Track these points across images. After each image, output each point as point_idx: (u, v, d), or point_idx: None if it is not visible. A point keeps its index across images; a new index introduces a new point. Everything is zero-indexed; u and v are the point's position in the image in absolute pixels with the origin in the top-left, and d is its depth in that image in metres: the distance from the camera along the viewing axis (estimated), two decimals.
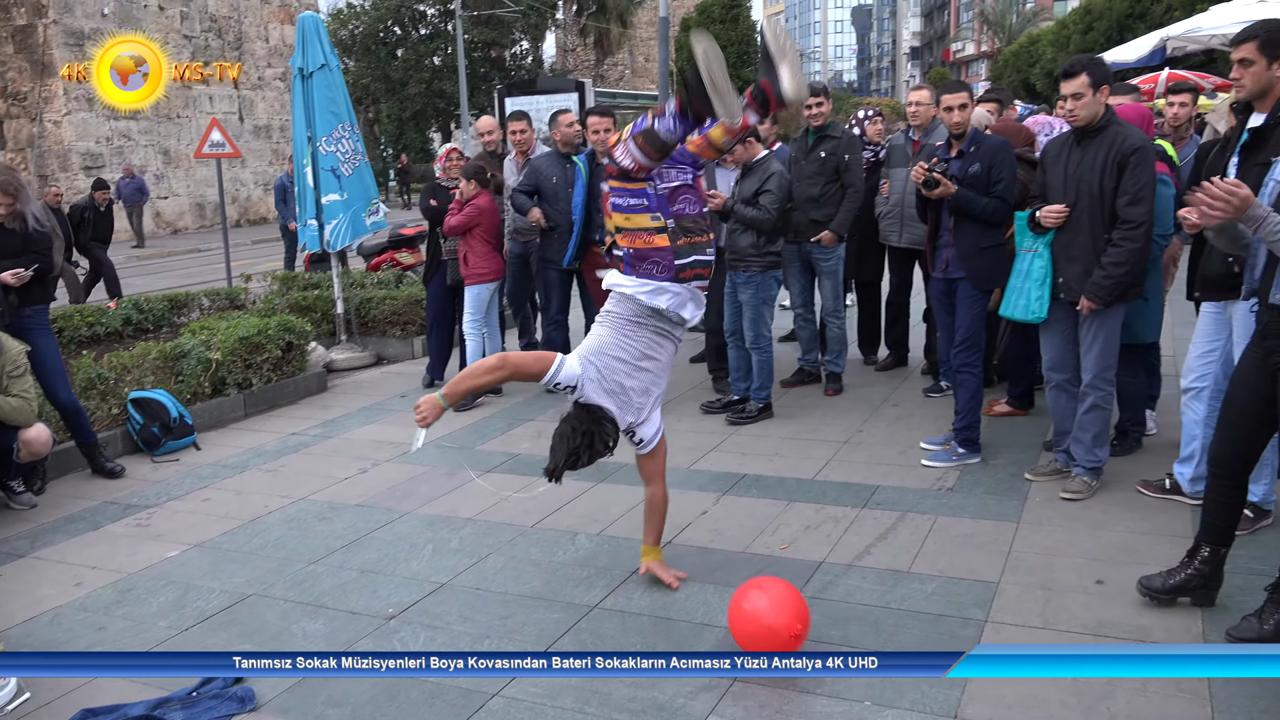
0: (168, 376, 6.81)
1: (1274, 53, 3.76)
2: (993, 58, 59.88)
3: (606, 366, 3.78)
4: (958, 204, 5.20)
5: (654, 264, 3.75)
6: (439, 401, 3.62)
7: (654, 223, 3.76)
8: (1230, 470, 3.47)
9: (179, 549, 4.71)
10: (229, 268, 11.84)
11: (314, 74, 8.06)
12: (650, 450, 4.00)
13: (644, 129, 3.65)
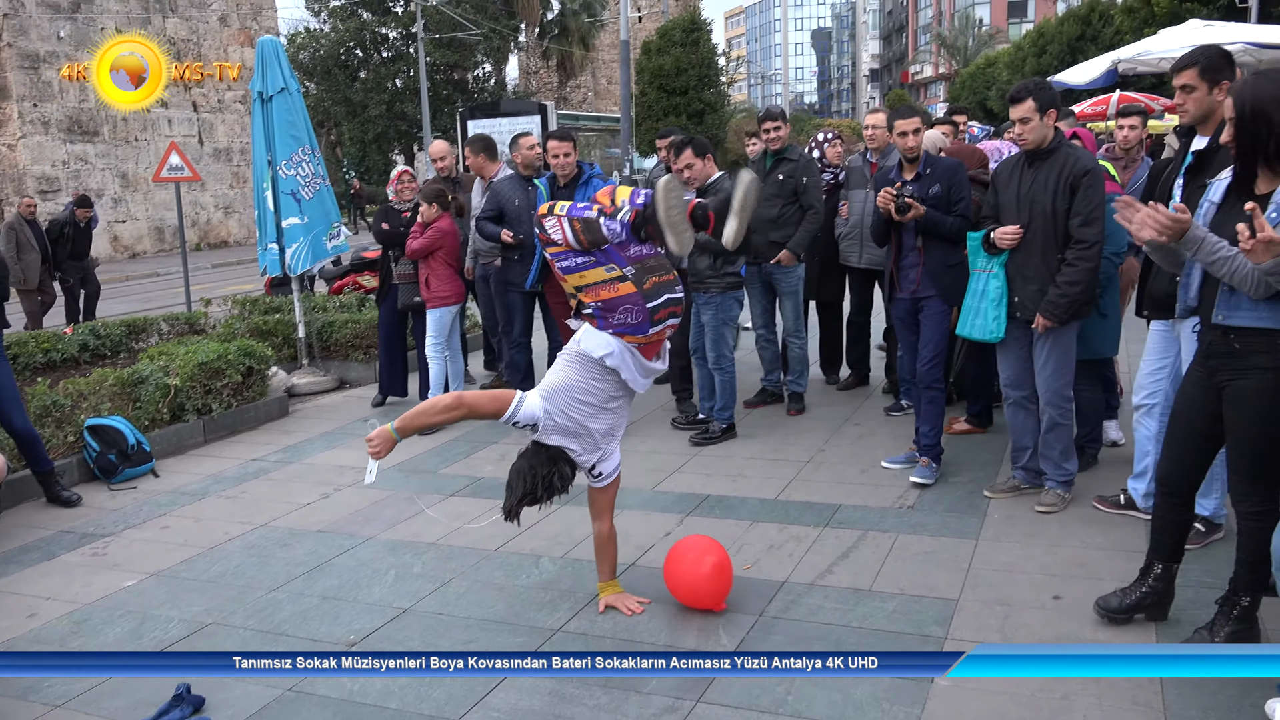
0: (125, 403, 6.72)
1: (1214, 78, 3.87)
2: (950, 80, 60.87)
3: (570, 406, 3.72)
4: (927, 224, 5.29)
5: (627, 311, 3.66)
6: (391, 434, 3.58)
7: (609, 274, 3.67)
8: (1178, 488, 3.54)
9: (136, 578, 4.65)
10: (188, 292, 11.74)
11: (274, 98, 8.03)
12: (605, 484, 3.95)
13: (585, 219, 3.63)
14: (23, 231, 11.79)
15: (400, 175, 7.61)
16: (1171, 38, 11.76)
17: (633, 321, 3.66)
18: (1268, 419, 3.14)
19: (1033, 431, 5.06)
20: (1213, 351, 3.29)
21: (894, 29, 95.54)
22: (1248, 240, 2.79)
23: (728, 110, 31.32)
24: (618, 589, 4.07)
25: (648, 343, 3.77)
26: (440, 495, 5.56)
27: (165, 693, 3.47)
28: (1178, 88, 3.98)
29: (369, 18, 37.52)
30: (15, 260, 11.68)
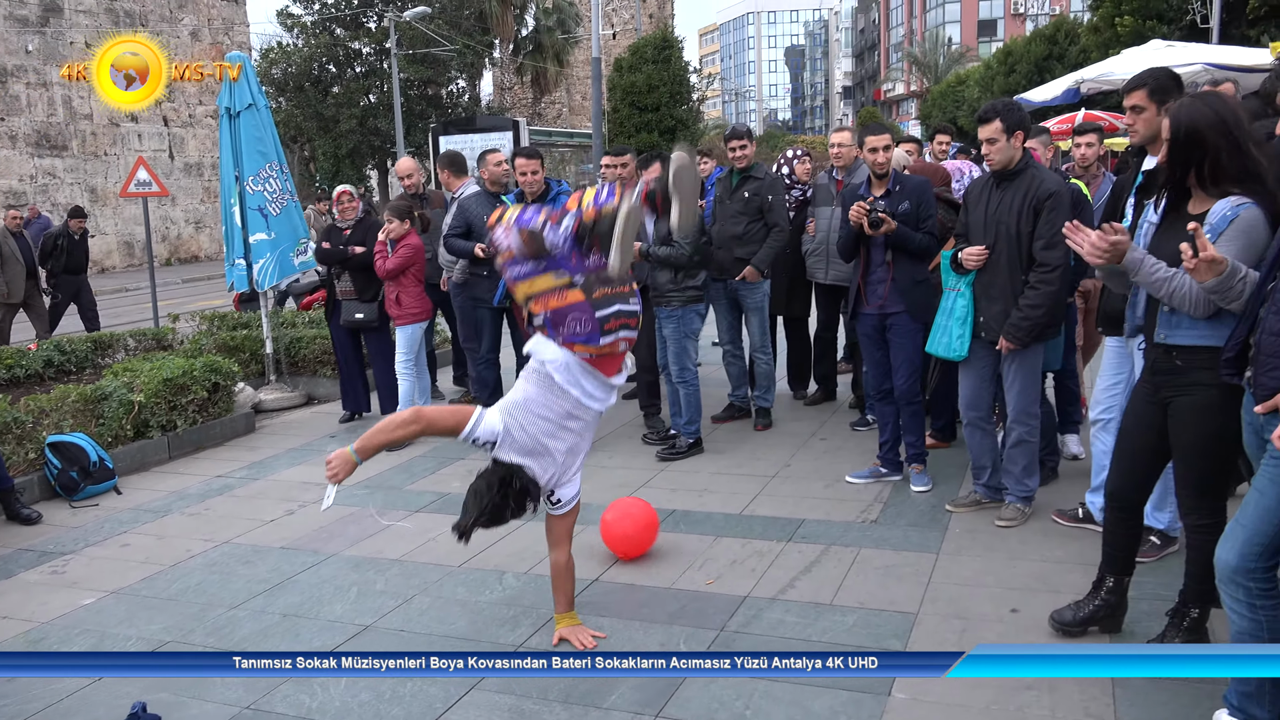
0: (88, 419, 6.67)
1: (1162, 99, 3.96)
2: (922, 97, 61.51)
3: (528, 423, 3.63)
4: (897, 239, 5.36)
5: (575, 320, 3.56)
6: (350, 456, 3.54)
7: (558, 280, 3.59)
8: (1127, 503, 3.60)
9: (95, 596, 4.61)
10: (155, 308, 11.66)
11: (241, 113, 8.03)
12: (564, 512, 3.85)
13: (531, 228, 3.58)
14: (7, 243, 11.66)
15: (340, 195, 7.60)
16: (1134, 58, 11.96)
17: (581, 331, 3.56)
18: (1211, 434, 3.20)
19: (990, 450, 5.12)
20: (1157, 369, 3.35)
21: (866, 47, 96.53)
22: (1190, 259, 2.85)
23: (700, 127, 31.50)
24: (574, 620, 3.97)
25: (600, 354, 3.65)
26: (406, 511, 5.55)
27: (120, 712, 3.44)
28: (1128, 108, 4.07)
29: (342, 33, 37.48)
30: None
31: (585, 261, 3.61)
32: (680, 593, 4.34)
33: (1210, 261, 2.82)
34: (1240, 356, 2.79)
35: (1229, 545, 2.76)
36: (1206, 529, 3.28)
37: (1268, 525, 2.67)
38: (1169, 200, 3.28)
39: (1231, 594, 2.77)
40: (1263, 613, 2.73)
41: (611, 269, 3.53)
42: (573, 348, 3.61)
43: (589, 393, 3.67)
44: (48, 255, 12.24)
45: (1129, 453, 3.53)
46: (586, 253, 3.57)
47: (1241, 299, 2.84)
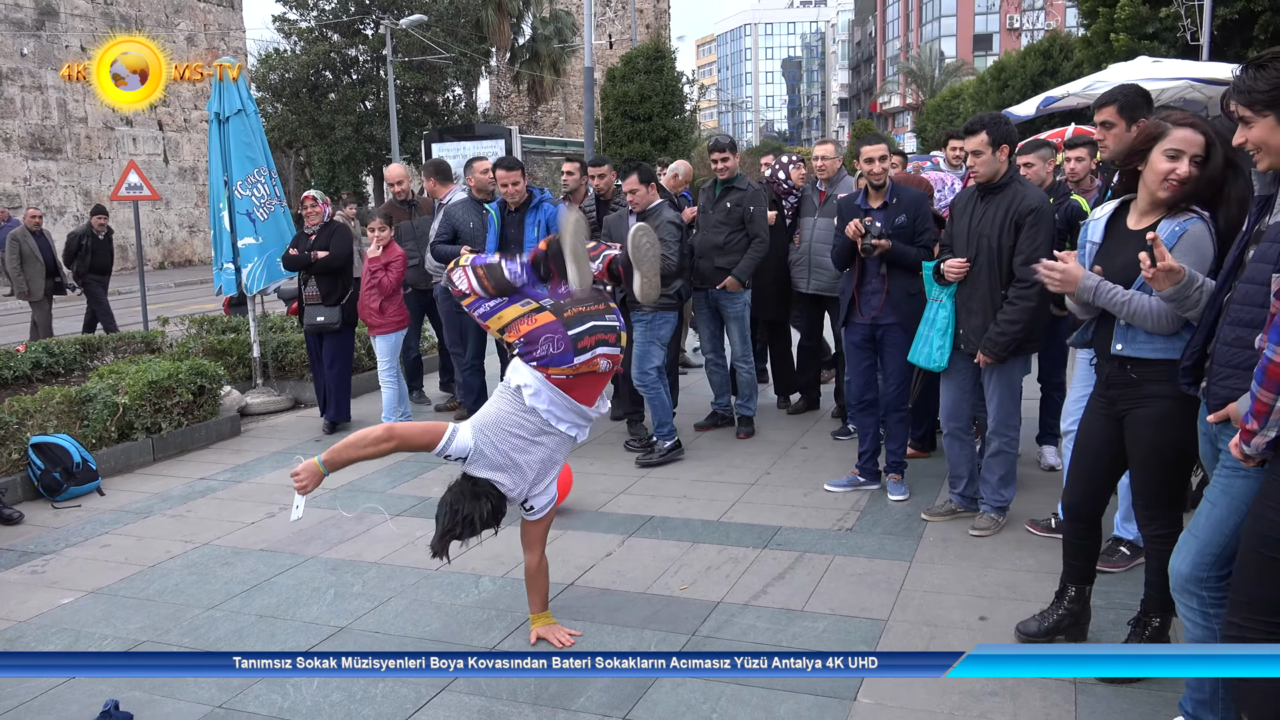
0: (72, 421, 6.69)
1: (1132, 115, 4.02)
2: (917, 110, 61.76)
3: (501, 440, 3.62)
4: (893, 256, 5.39)
5: (548, 341, 3.53)
6: (318, 468, 3.52)
7: (525, 308, 3.62)
8: (1082, 515, 3.64)
9: (73, 596, 4.63)
10: (145, 310, 11.67)
11: (230, 119, 8.08)
12: (538, 517, 3.86)
13: (487, 264, 3.63)
14: (26, 243, 11.71)
15: (306, 200, 7.64)
16: (1121, 73, 12.04)
17: (555, 351, 3.52)
18: (1167, 445, 3.25)
19: (968, 461, 5.17)
20: (1112, 382, 3.39)
21: (862, 59, 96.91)
22: (1149, 269, 2.90)
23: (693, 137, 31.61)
24: (549, 620, 4.01)
25: (576, 375, 3.60)
26: (387, 515, 5.58)
27: (93, 710, 3.47)
28: (1098, 124, 4.13)
29: (338, 40, 37.56)
30: (19, 272, 11.61)
31: (553, 290, 3.66)
32: (654, 598, 4.38)
33: (1169, 271, 2.87)
34: (1197, 366, 2.84)
35: (1182, 555, 2.80)
36: (1164, 539, 3.32)
37: (1220, 535, 2.71)
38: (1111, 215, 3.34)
39: (1185, 603, 2.81)
40: (1216, 621, 2.77)
41: (574, 285, 3.56)
42: (548, 372, 3.58)
43: (560, 418, 3.66)
44: (73, 255, 12.22)
45: (1085, 466, 3.57)
46: (546, 280, 3.62)
47: (1199, 307, 2.89)
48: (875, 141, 5.54)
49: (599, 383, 3.75)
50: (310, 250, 7.45)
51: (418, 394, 8.58)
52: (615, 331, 3.66)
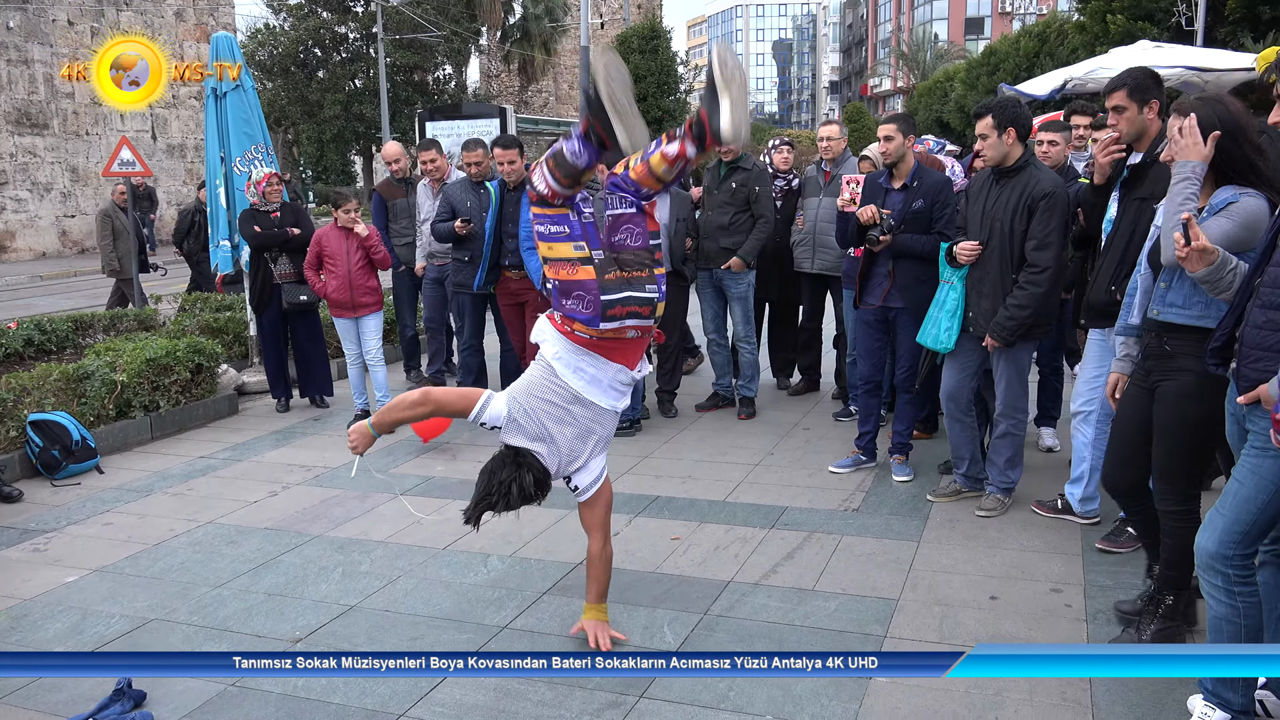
0: (70, 398, 6.63)
1: (1143, 98, 4.01)
2: (908, 94, 61.65)
3: (532, 409, 3.50)
4: (899, 248, 5.35)
5: (579, 299, 3.40)
6: (369, 430, 3.59)
7: (577, 253, 3.43)
8: (1122, 489, 3.65)
9: (78, 574, 4.60)
10: (139, 287, 11.56)
11: (228, 94, 7.98)
12: (589, 498, 3.67)
13: (555, 152, 3.40)
14: (118, 219, 11.60)
15: (268, 178, 7.56)
16: (1123, 57, 12.03)
17: (584, 311, 3.40)
18: (1189, 419, 3.27)
19: (969, 442, 5.17)
20: (1149, 353, 3.44)
21: (854, 42, 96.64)
22: (1183, 249, 2.89)
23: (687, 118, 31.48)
24: (602, 616, 3.76)
25: (604, 339, 3.47)
26: (391, 494, 5.55)
27: (105, 687, 3.44)
28: (1110, 109, 4.12)
29: (328, 17, 37.18)
30: (111, 248, 11.49)
31: (620, 236, 3.50)
32: (665, 576, 4.37)
33: (1202, 251, 2.86)
34: (1226, 347, 2.84)
35: (1209, 533, 2.81)
36: (1179, 515, 3.34)
37: (1246, 514, 2.72)
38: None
39: (1210, 580, 2.82)
40: (1240, 599, 2.78)
41: (626, 146, 3.27)
42: (572, 326, 3.46)
43: (591, 381, 3.52)
44: (185, 233, 12.07)
45: (1122, 441, 3.59)
46: (602, 149, 3.31)
47: (1231, 290, 2.88)
48: (887, 121, 5.50)
49: (631, 348, 3.57)
50: (279, 228, 7.42)
51: (415, 372, 8.54)
52: (651, 304, 3.49)
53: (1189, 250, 2.86)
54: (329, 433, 7.02)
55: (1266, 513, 2.71)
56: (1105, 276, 4.27)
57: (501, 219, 6.75)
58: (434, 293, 7.95)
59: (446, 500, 5.39)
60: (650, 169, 3.42)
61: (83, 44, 25.03)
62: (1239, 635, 2.81)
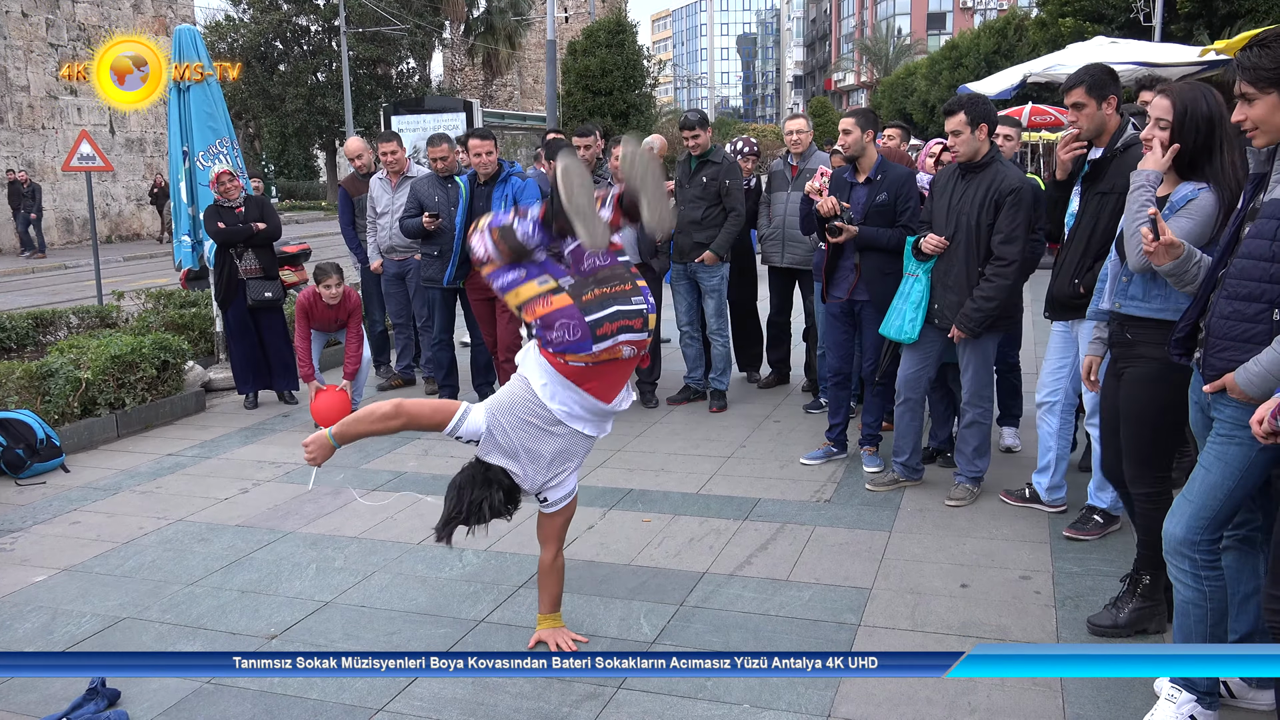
0: (33, 396, 6.54)
1: (1101, 94, 4.10)
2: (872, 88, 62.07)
3: (514, 426, 3.39)
4: (863, 241, 5.40)
5: (563, 327, 3.25)
6: (329, 441, 3.36)
7: (543, 286, 3.33)
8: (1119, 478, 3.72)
9: (46, 573, 4.54)
10: (99, 284, 11.39)
11: (191, 87, 7.88)
12: (553, 510, 3.58)
13: (501, 225, 3.35)
14: None
15: (221, 175, 7.47)
16: (1079, 53, 12.24)
17: (571, 338, 3.24)
18: (1153, 405, 3.36)
19: (916, 432, 5.25)
20: (1114, 342, 3.54)
21: (818, 37, 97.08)
22: (1150, 243, 2.96)
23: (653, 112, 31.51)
24: (557, 622, 3.73)
25: (597, 363, 3.32)
26: (363, 490, 5.53)
27: (79, 686, 3.41)
28: (1069, 105, 4.20)
29: (289, 9, 36.79)
30: None
31: (590, 260, 3.39)
32: (640, 569, 4.40)
33: (1169, 245, 2.93)
34: (1190, 338, 2.91)
35: (1176, 519, 2.88)
36: (1150, 498, 3.44)
37: (1213, 500, 2.79)
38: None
39: (1177, 565, 2.89)
40: (1206, 584, 2.85)
41: (587, 243, 3.26)
42: (565, 359, 3.31)
43: (575, 415, 3.42)
44: None
45: (1110, 428, 3.66)
46: (558, 236, 3.32)
47: (1196, 282, 2.96)
48: (849, 115, 5.56)
49: (622, 371, 3.44)
50: (244, 224, 7.38)
51: (385, 368, 8.50)
52: (641, 316, 3.35)
53: (1156, 245, 2.93)
54: (298, 429, 6.98)
55: (1232, 499, 2.78)
56: (1068, 270, 4.36)
57: (473, 213, 6.73)
58: (396, 289, 7.93)
59: (417, 495, 5.38)
60: None
61: (37, 35, 24.60)
62: (1205, 619, 2.88)
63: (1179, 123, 3.16)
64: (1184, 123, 3.15)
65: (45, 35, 25.01)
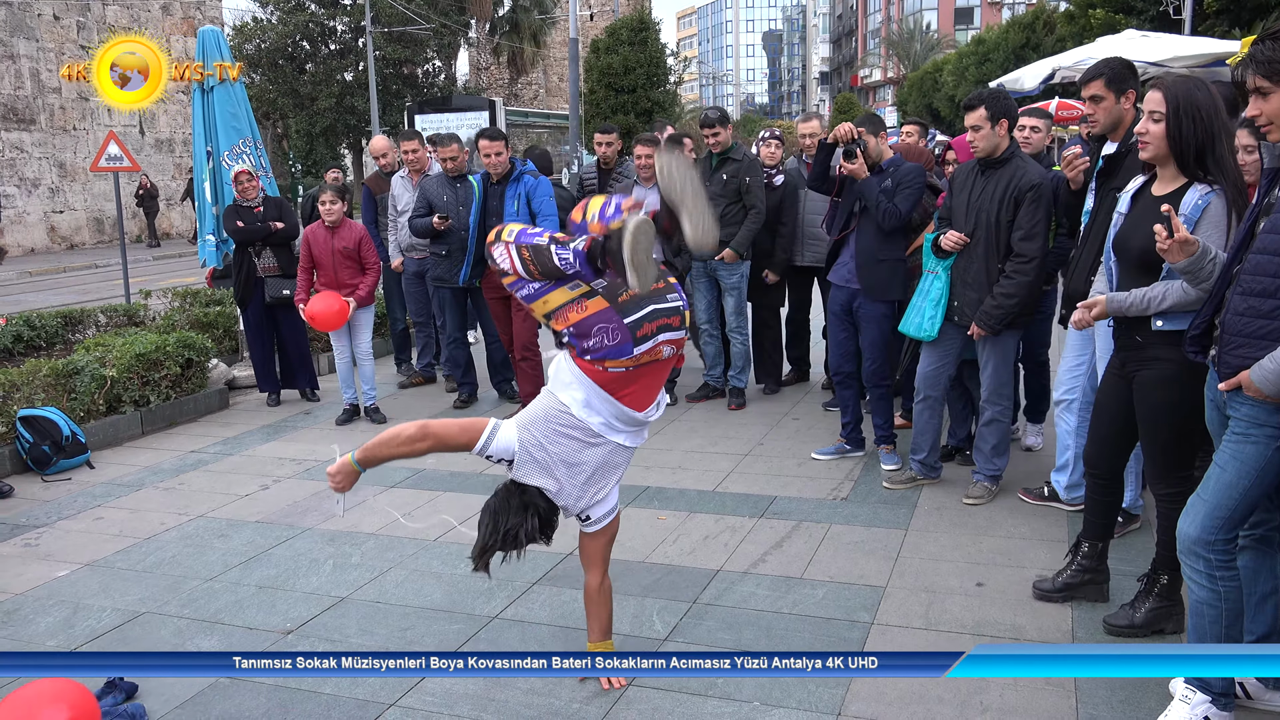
0: (60, 394, 6.63)
1: (1120, 87, 4.06)
2: (898, 84, 61.68)
3: (549, 440, 3.20)
4: (861, 188, 5.37)
5: (602, 331, 3.09)
6: (353, 466, 3.27)
7: (575, 291, 3.15)
8: (1101, 471, 3.73)
9: (69, 568, 4.61)
10: (127, 283, 11.52)
11: (215, 88, 7.96)
12: (595, 530, 3.39)
13: (534, 245, 3.14)
14: None
15: (240, 175, 7.53)
16: (1109, 46, 12.08)
17: (610, 343, 3.09)
18: (1170, 405, 3.31)
19: (934, 430, 5.21)
20: (1123, 345, 3.47)
21: (844, 33, 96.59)
22: (1165, 240, 2.93)
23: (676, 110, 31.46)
24: (609, 647, 3.48)
25: (638, 365, 3.16)
26: (381, 487, 5.56)
27: (98, 679, 3.46)
28: (1087, 98, 4.16)
29: (316, 10, 37.02)
30: None
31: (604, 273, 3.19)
32: (654, 566, 4.40)
33: (1184, 243, 2.90)
34: (1205, 335, 2.87)
35: (1190, 518, 2.84)
36: (1171, 497, 3.39)
37: (1228, 499, 2.76)
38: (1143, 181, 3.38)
39: (1192, 565, 2.85)
40: (1221, 584, 2.82)
41: (634, 287, 3.03)
42: (604, 365, 3.14)
43: (613, 428, 3.25)
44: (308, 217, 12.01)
45: (1102, 423, 3.65)
46: (602, 272, 3.10)
47: (1210, 280, 2.92)
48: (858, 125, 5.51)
49: (661, 373, 3.29)
50: (261, 223, 7.44)
51: (406, 365, 8.55)
52: (679, 313, 3.20)
53: (1171, 243, 2.89)
54: (319, 426, 7.04)
55: (1248, 498, 2.74)
56: (1084, 267, 4.31)
57: (485, 212, 6.76)
58: (416, 287, 7.96)
59: (435, 493, 5.41)
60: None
61: (69, 38, 24.92)
62: (1220, 619, 2.85)
63: (1173, 115, 3.12)
64: (1178, 115, 3.12)
65: (76, 38, 25.33)
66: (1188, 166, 3.20)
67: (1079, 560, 3.88)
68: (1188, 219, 3.16)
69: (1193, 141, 3.13)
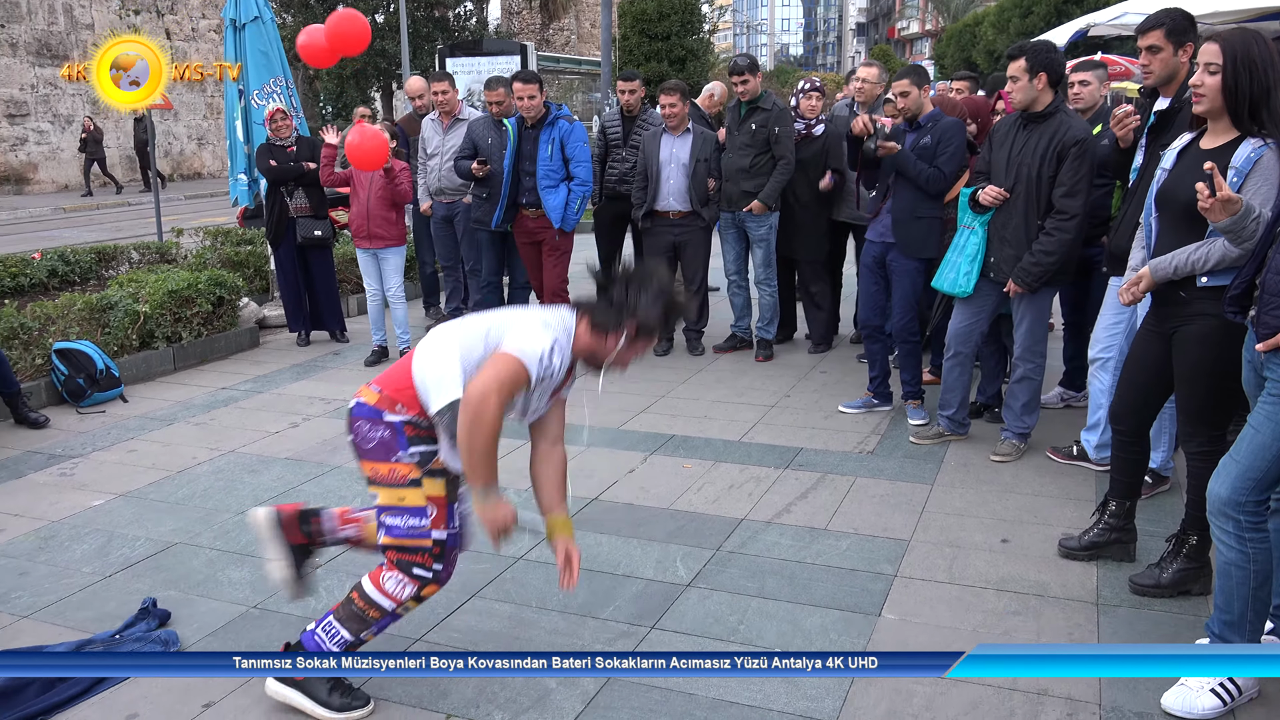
0: (94, 328, 6.71)
1: (1179, 39, 3.94)
2: (936, 36, 60.48)
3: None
4: (897, 162, 5.32)
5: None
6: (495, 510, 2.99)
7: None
8: (1129, 427, 3.70)
9: (103, 498, 4.69)
10: (159, 221, 11.60)
11: (246, 26, 7.94)
12: None
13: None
14: None
15: (274, 114, 7.50)
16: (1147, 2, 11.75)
17: None
18: (1210, 363, 3.26)
19: (964, 387, 5.17)
20: (1163, 300, 3.42)
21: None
22: (1207, 199, 2.87)
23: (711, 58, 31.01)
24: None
25: None
26: None
27: (132, 606, 3.54)
28: (1144, 48, 4.04)
29: None
30: None
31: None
32: (678, 513, 4.42)
33: (1226, 201, 2.84)
34: (1245, 295, 2.82)
35: (1221, 479, 2.82)
36: (1204, 455, 3.35)
37: (1261, 461, 2.73)
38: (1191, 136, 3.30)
39: (1221, 526, 2.83)
40: (1250, 545, 2.79)
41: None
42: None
43: None
44: None
45: (1133, 378, 3.61)
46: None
47: (1254, 239, 2.86)
48: (900, 75, 5.44)
49: None
50: (295, 162, 7.42)
51: (434, 309, 8.58)
52: None
53: (1213, 201, 2.83)
54: (348, 367, 7.09)
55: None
56: (1129, 224, 4.23)
57: (519, 157, 6.72)
58: (444, 231, 7.93)
59: None
60: None
61: None
62: (1248, 580, 2.83)
63: (1230, 67, 3.04)
64: (1235, 67, 3.04)
65: None
66: (1241, 120, 3.13)
67: (1106, 519, 3.87)
68: (1239, 171, 3.08)
69: (1249, 95, 3.04)
